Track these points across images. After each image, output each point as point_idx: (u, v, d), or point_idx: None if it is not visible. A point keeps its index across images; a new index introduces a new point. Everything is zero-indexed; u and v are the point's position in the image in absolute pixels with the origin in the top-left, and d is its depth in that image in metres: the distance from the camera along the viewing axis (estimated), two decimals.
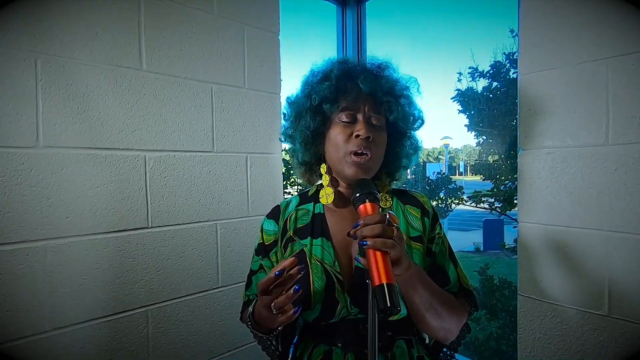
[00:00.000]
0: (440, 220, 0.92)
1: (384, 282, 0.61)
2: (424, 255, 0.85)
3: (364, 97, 0.81)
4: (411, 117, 0.87)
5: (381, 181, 0.91)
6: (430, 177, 3.60)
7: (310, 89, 0.85)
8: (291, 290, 0.67)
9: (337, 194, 0.90)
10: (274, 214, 0.94)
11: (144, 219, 1.08)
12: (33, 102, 0.91)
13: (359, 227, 0.67)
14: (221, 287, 1.25)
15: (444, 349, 0.90)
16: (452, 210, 3.38)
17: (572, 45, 1.05)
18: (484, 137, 2.50)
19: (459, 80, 2.63)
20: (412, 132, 0.90)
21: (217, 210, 1.24)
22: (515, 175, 1.15)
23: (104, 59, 1.01)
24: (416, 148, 0.91)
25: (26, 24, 0.90)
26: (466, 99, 2.44)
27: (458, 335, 0.85)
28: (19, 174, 0.89)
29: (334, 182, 0.90)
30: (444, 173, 3.31)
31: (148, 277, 1.09)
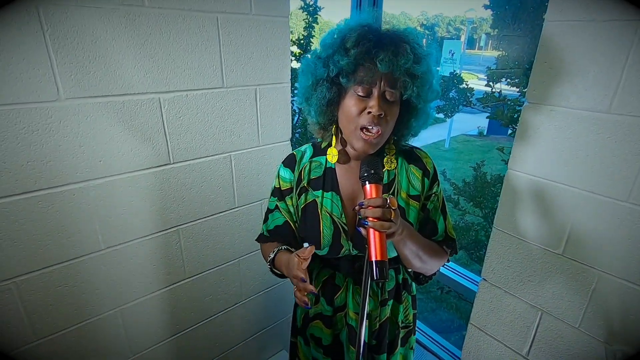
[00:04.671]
0: (438, 179, 1.01)
1: (378, 259, 0.76)
2: (419, 210, 0.99)
3: (380, 73, 0.82)
4: (426, 94, 0.88)
5: (389, 145, 0.98)
6: (443, 74, 3.47)
7: (329, 58, 0.85)
8: (305, 299, 0.80)
9: (345, 152, 0.98)
10: (290, 162, 1.03)
11: (165, 157, 1.19)
12: (45, 54, 0.92)
13: (362, 207, 0.79)
14: (237, 207, 1.44)
15: None
16: (458, 111, 3.38)
17: None
18: (507, 43, 2.33)
19: None
20: (426, 105, 0.92)
21: (230, 143, 1.34)
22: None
23: None
24: (427, 119, 0.94)
25: None
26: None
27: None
28: (49, 127, 0.97)
29: (343, 142, 0.97)
30: (456, 73, 3.17)
31: (175, 204, 1.27)
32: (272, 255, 0.98)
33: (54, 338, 1.13)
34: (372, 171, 0.80)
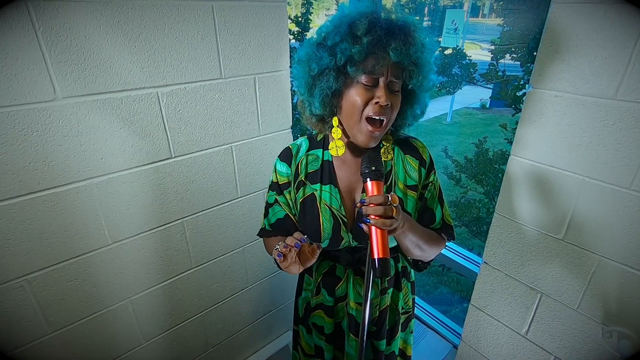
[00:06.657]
0: (435, 168, 1.02)
1: (380, 256, 0.77)
2: (417, 200, 0.99)
3: (389, 63, 0.81)
4: (428, 83, 0.87)
5: (386, 135, 0.97)
6: (445, 46, 3.38)
7: (335, 46, 0.81)
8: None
9: (346, 145, 0.97)
10: (287, 156, 1.02)
11: (167, 151, 1.19)
12: (39, 53, 0.90)
13: (364, 204, 0.79)
14: (240, 197, 1.45)
15: None
16: (460, 88, 3.31)
17: None
18: (512, 18, 2.24)
19: None
20: (424, 94, 0.91)
21: (231, 134, 1.33)
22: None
23: None
24: (424, 109, 0.94)
25: None
26: None
27: None
28: (49, 127, 0.96)
29: (345, 134, 0.96)
30: (459, 48, 3.09)
31: (179, 197, 1.27)
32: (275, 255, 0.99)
33: (69, 329, 1.17)
34: (374, 168, 0.80)
